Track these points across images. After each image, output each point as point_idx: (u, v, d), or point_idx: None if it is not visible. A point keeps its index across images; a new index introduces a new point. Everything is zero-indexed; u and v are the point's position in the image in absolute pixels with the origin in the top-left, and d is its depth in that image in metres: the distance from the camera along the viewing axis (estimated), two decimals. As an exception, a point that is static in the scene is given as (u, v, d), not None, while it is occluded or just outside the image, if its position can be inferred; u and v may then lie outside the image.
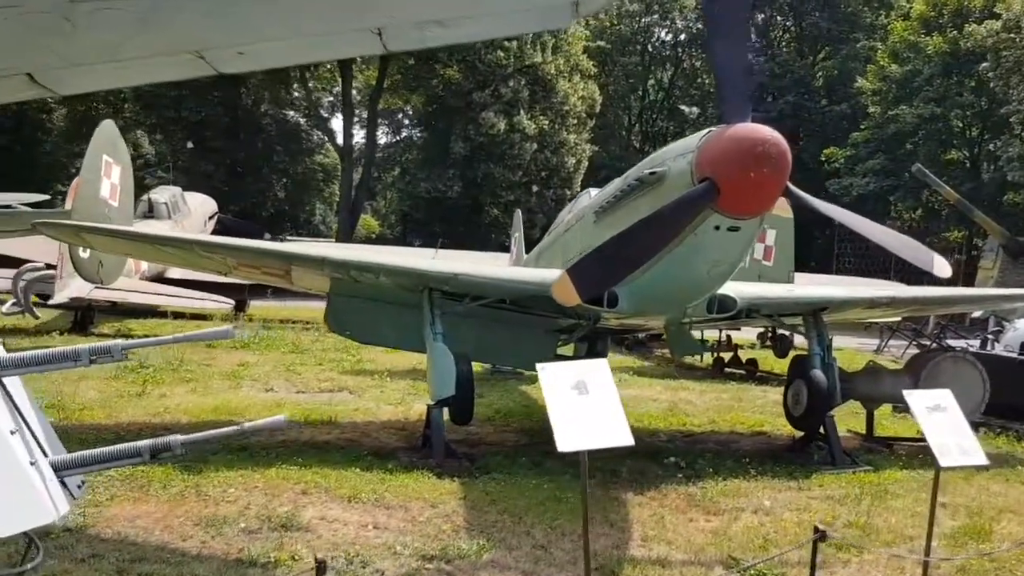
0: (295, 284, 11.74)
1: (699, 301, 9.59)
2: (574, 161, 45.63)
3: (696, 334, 23.12)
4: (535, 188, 43.85)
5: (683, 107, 69.50)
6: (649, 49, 65.19)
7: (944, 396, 6.58)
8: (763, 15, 62.74)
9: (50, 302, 19.74)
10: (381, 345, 12.95)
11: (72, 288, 19.52)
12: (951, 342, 17.45)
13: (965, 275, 43.75)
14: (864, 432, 12.71)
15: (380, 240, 55.85)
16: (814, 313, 11.07)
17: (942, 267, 8.50)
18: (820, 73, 57.15)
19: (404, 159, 53.87)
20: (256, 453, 9.85)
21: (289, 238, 47.41)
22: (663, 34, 66.87)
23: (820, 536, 5.11)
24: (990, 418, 13.84)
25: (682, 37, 66.71)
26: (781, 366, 17.74)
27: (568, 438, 5.13)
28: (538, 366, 5.67)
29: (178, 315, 23.83)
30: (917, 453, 11.78)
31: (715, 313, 9.95)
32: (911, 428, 13.03)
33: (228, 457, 9.56)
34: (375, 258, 10.46)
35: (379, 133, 65.00)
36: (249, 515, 7.57)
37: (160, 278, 23.04)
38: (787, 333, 22.77)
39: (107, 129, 18.05)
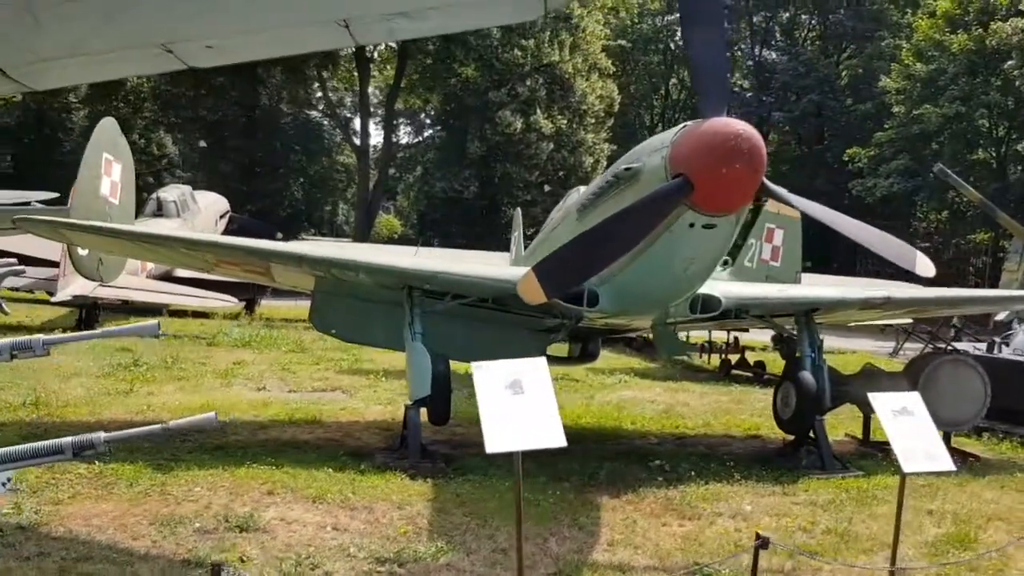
0: (278, 282, 11.63)
1: (680, 301, 9.35)
2: (592, 160, 45.31)
3: (701, 335, 23.05)
4: (547, 188, 43.55)
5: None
6: (672, 47, 64.74)
7: (912, 400, 6.32)
8: (788, 13, 62.20)
9: (53, 300, 19.83)
10: (366, 344, 12.83)
11: (75, 286, 19.59)
12: (958, 345, 17.02)
13: (991, 277, 43.09)
14: (861, 437, 12.38)
15: (402, 240, 55.83)
16: (806, 314, 10.79)
17: (925, 266, 8.22)
18: (845, 72, 56.45)
19: (425, 159, 53.87)
20: (232, 452, 9.74)
21: (306, 237, 47.57)
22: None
23: (762, 544, 4.88)
24: (995, 423, 13.48)
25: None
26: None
27: (497, 439, 4.95)
28: (474, 365, 5.50)
29: (184, 313, 23.86)
30: (913, 458, 11.50)
31: (699, 313, 9.71)
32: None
33: (201, 456, 9.47)
34: (355, 256, 10.31)
35: (401, 133, 65.24)
36: (208, 515, 7.44)
37: (168, 276, 23.07)
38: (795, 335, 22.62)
39: (108, 126, 17.98)
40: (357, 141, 48.74)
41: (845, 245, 52.72)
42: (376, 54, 52.68)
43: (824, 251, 57.91)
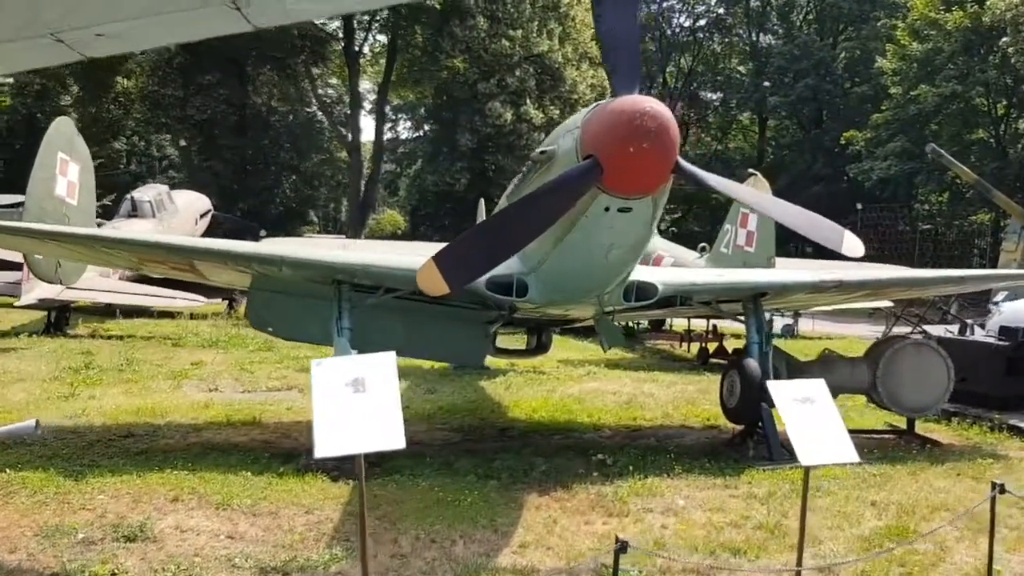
0: (212, 280, 11.29)
1: (612, 288, 8.95)
2: (584, 150, 44.80)
3: (681, 323, 22.62)
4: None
5: (704, 93, 68.39)
6: (667, 34, 64.15)
7: (816, 387, 5.90)
8: (784, -4, 61.54)
9: (17, 304, 19.58)
10: (303, 341, 12.44)
11: (40, 289, 19.30)
12: (928, 328, 16.57)
13: (993, 258, 42.40)
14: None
15: (405, 236, 55.38)
16: (753, 299, 10.37)
17: (853, 246, 7.78)
18: (842, 55, 55.76)
19: (420, 153, 53.52)
20: (153, 457, 9.40)
21: (309, 235, 47.27)
22: (682, 19, 65.94)
23: (621, 547, 4.50)
24: (967, 407, 13.07)
25: (702, 22, 65.71)
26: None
27: (328, 442, 4.56)
28: (313, 362, 5.12)
29: (165, 314, 23.52)
30: (874, 446, 11.10)
31: (634, 301, 9.31)
32: (883, 420, 12.36)
33: (119, 462, 9.13)
34: (279, 250, 9.94)
35: (401, 129, 64.93)
36: (99, 524, 7.09)
37: (142, 278, 22.76)
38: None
39: (62, 126, 17.73)
40: (349, 136, 48.36)
41: (848, 230, 52.41)
42: (368, 49, 52.40)
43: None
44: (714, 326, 21.16)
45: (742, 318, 10.90)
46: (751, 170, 20.64)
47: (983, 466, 10.04)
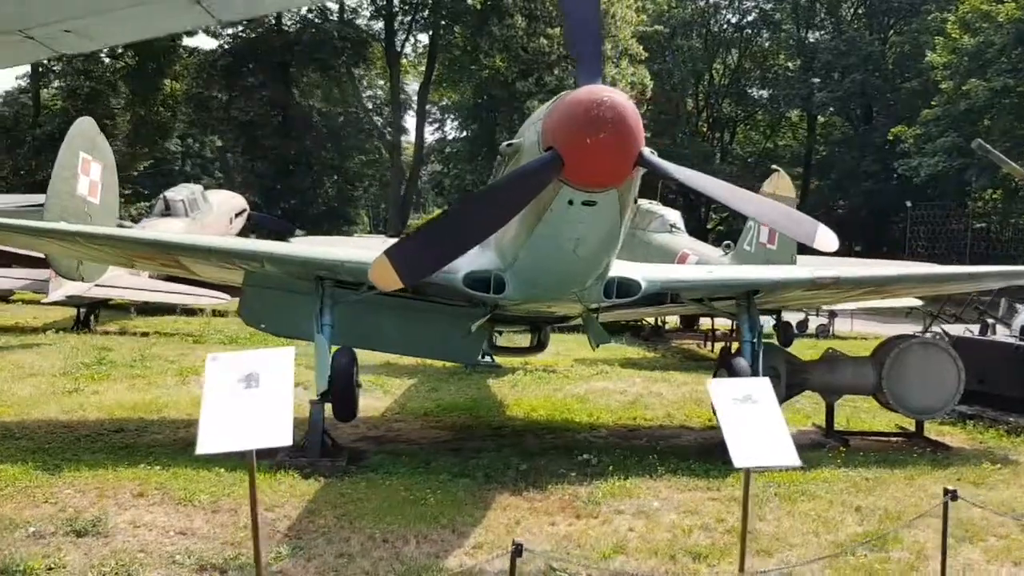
0: (204, 277, 11.32)
1: (589, 284, 8.72)
2: (625, 149, 44.38)
3: (706, 323, 22.22)
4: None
5: (752, 90, 67.37)
6: (713, 29, 63.28)
7: (759, 386, 5.63)
8: (833, -8, 60.28)
9: (44, 301, 19.92)
10: (295, 337, 12.18)
11: (69, 286, 19.60)
12: (946, 327, 15.97)
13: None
14: (828, 426, 11.61)
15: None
16: (747, 297, 10.05)
17: (827, 240, 7.44)
18: (892, 49, 54.42)
19: (462, 152, 53.56)
20: (136, 451, 9.43)
21: (359, 235, 47.55)
22: (729, 16, 64.98)
23: (517, 550, 4.31)
24: (985, 410, 12.58)
25: (750, 18, 64.67)
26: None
27: (211, 439, 4.45)
28: (209, 356, 5.01)
29: (189, 312, 23.79)
30: (876, 449, 10.73)
31: (616, 298, 9.07)
32: (895, 422, 11.94)
33: (101, 456, 9.15)
34: (260, 246, 9.91)
35: (448, 128, 65.09)
36: (56, 518, 7.07)
37: (169, 276, 23.02)
38: (789, 321, 21.63)
39: (84, 126, 17.93)
40: (389, 137, 48.63)
41: (895, 231, 51.03)
42: (410, 49, 52.62)
43: (875, 235, 56.15)
44: (738, 325, 20.68)
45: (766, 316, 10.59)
46: (773, 166, 20.15)
47: (987, 471, 9.61)
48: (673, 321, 24.19)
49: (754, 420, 5.47)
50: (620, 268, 9.11)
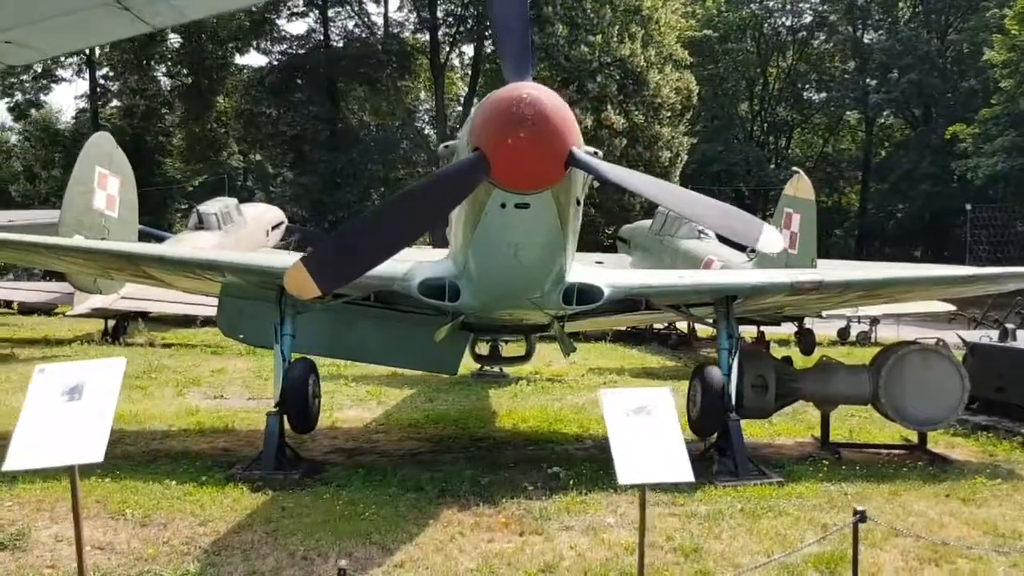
0: (180, 288, 11.27)
1: (546, 290, 8.38)
2: (670, 155, 43.71)
3: (750, 330, 21.55)
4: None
5: (808, 93, 65.96)
6: (767, 32, 62.11)
7: (656, 397, 5.23)
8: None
9: (69, 313, 20.27)
10: (271, 348, 12.30)
11: (95, 298, 19.92)
12: (961, 333, 15.13)
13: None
14: (823, 437, 11.06)
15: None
16: (725, 302, 9.57)
17: (771, 241, 6.97)
18: (950, 49, 52.78)
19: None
20: (99, 464, 9.33)
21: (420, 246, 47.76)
22: (783, 19, 63.71)
23: (341, 573, 4.02)
24: (1002, 420, 11.87)
25: (806, 20, 63.33)
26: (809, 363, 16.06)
27: (21, 454, 4.24)
28: (36, 368, 4.82)
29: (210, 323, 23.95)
30: (869, 462, 10.15)
31: (576, 304, 8.70)
32: (899, 434, 11.33)
33: (63, 468, 9.08)
34: (221, 257, 9.79)
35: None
36: (-20, 533, 7.03)
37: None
38: (811, 328, 20.91)
39: (100, 141, 18.25)
40: (435, 148, 48.80)
41: (956, 235, 49.23)
42: (456, 61, 52.76)
43: (935, 239, 54.34)
44: (761, 333, 20.08)
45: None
46: (794, 168, 19.53)
47: (982, 487, 8.97)
48: (707, 330, 23.59)
49: (648, 433, 5.08)
50: (581, 274, 8.75)
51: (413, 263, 9.31)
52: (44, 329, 23.15)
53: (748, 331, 20.44)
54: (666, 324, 22.59)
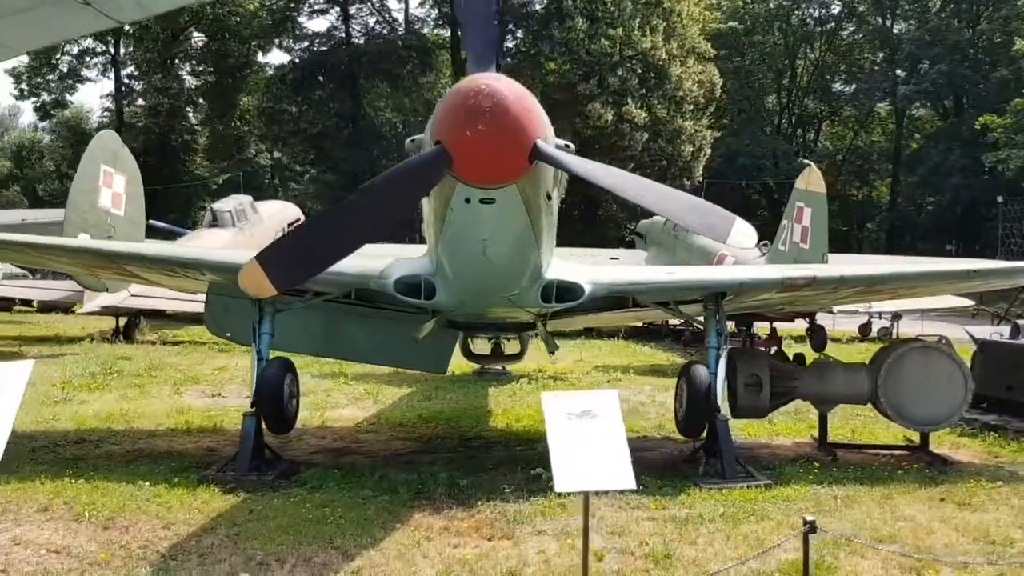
0: (165, 286, 11.18)
1: (522, 287, 8.15)
2: (692, 149, 43.29)
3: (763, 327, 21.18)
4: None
5: (837, 85, 64.98)
6: (794, 24, 61.21)
7: (602, 400, 4.99)
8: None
9: (79, 311, 20.33)
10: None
11: (104, 297, 19.99)
12: (970, 328, 14.67)
13: None
14: (821, 438, 10.74)
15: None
16: (714, 300, 9.27)
17: (742, 236, 6.67)
18: (981, 38, 51.67)
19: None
20: (80, 463, 9.25)
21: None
22: (810, 10, 62.75)
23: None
24: (1011, 420, 11.48)
25: (834, 10, 62.35)
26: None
27: None
28: None
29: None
30: (865, 463, 9.82)
31: (555, 302, 8.46)
32: (903, 434, 10.97)
33: (40, 468, 9.00)
34: (200, 255, 9.67)
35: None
36: (-65, 535, 6.95)
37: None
38: (822, 324, 20.49)
39: (106, 139, 18.21)
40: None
41: (988, 229, 48.20)
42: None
43: (967, 233, 53.29)
44: (773, 329, 19.70)
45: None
46: (805, 160, 19.13)
47: (980, 489, 8.62)
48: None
49: (590, 437, 4.85)
50: (560, 271, 8.51)
51: (391, 260, 9.14)
52: (58, 327, 23.29)
53: (762, 327, 20.10)
54: (682, 320, 22.26)
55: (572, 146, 7.43)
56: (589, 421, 4.92)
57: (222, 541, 6.96)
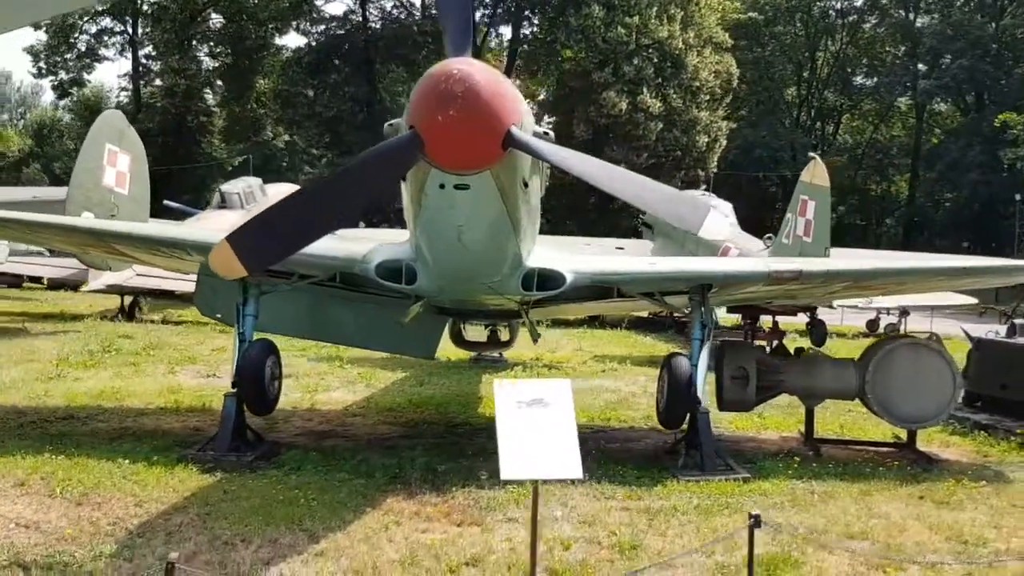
0: (158, 266, 11.21)
1: (503, 274, 8.12)
2: (707, 140, 43.01)
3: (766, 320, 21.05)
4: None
5: (858, 79, 64.35)
6: (815, 15, 60.61)
7: (554, 389, 4.96)
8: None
9: (84, 289, 20.45)
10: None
11: (109, 275, 20.10)
12: (966, 327, 14.49)
13: None
14: (807, 433, 10.67)
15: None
16: (700, 291, 9.20)
17: (714, 227, 6.61)
18: (1005, 34, 51.01)
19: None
20: (63, 439, 9.29)
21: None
22: (832, 2, 62.13)
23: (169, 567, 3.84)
24: (1002, 419, 11.37)
25: (858, 2, 61.69)
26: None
27: None
28: None
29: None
30: (848, 460, 9.75)
31: (536, 290, 8.42)
32: (888, 431, 10.88)
33: (24, 443, 9.07)
34: (186, 235, 9.68)
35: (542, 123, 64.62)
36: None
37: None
38: (823, 319, 20.33)
39: (111, 118, 18.23)
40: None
41: (1005, 225, 47.72)
42: (494, 42, 52.39)
43: (984, 230, 52.72)
44: (775, 323, 19.59)
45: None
46: (811, 153, 18.95)
47: (961, 488, 8.54)
48: (730, 318, 23.07)
49: (540, 427, 4.82)
50: (541, 259, 8.47)
51: (375, 244, 9.13)
52: (64, 304, 23.47)
53: (764, 320, 19.99)
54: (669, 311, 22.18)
55: (551, 134, 7.38)
56: (540, 410, 4.89)
57: (191, 520, 6.99)
